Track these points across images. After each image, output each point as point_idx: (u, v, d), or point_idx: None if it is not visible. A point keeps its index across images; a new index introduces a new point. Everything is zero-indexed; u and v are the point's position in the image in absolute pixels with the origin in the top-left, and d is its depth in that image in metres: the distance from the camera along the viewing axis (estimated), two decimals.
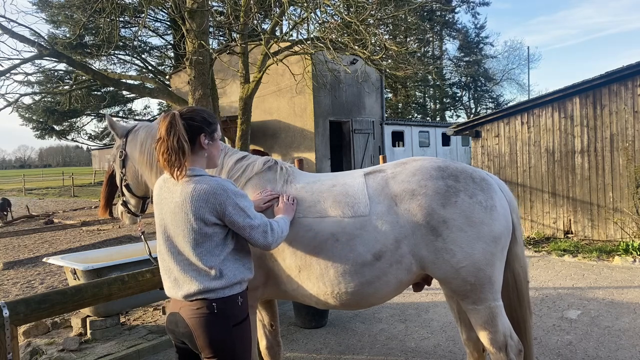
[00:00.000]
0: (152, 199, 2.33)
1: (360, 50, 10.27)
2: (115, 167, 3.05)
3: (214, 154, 2.25)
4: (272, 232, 2.22)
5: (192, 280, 2.08)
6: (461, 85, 45.08)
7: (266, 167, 2.81)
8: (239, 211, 2.10)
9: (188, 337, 2.11)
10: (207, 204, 2.06)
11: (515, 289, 2.88)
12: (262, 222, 2.18)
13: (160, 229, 2.19)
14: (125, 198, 3.04)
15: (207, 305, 2.07)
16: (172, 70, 23.83)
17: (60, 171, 56.86)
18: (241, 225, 2.12)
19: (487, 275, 2.58)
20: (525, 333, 2.90)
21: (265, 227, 2.19)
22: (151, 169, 2.82)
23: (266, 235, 2.18)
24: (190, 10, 9.27)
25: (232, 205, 2.08)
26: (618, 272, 6.99)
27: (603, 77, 8.84)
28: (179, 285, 2.12)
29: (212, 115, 2.28)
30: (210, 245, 2.09)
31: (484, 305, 2.63)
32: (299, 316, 5.13)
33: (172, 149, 2.07)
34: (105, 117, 3.09)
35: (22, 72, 22.60)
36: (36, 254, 10.43)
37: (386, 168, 2.77)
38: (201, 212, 2.05)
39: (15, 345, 2.52)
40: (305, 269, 2.60)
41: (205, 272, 2.08)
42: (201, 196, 2.05)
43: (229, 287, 2.11)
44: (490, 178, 2.77)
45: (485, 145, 10.56)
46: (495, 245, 2.59)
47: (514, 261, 2.85)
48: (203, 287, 2.07)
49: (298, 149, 18.70)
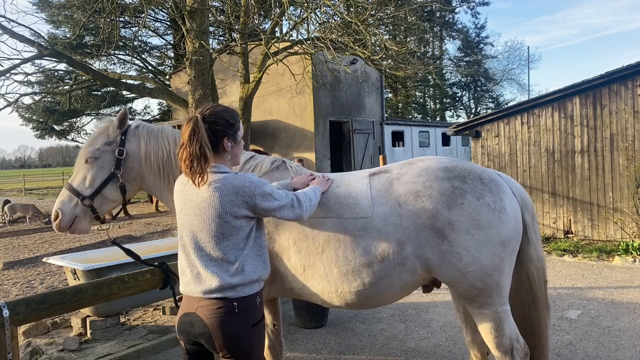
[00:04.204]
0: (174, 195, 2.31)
1: (360, 50, 10.27)
2: (99, 164, 2.69)
3: (236, 153, 2.28)
4: (300, 203, 2.31)
5: (213, 276, 2.09)
6: (461, 85, 45.05)
7: (274, 167, 2.84)
8: (266, 197, 2.16)
9: (206, 337, 2.10)
10: (237, 197, 2.09)
11: (530, 290, 2.78)
12: (288, 199, 2.26)
13: (183, 224, 2.20)
14: (101, 200, 2.70)
15: (227, 305, 2.07)
16: (172, 70, 23.83)
17: (60, 171, 56.84)
18: (272, 209, 2.19)
19: (495, 280, 2.52)
20: (539, 334, 2.81)
21: (292, 201, 2.28)
22: (159, 173, 2.79)
23: (294, 209, 2.28)
24: (190, 10, 9.27)
25: (260, 194, 2.14)
26: (618, 272, 6.99)
27: (603, 77, 8.84)
28: (201, 281, 2.12)
29: (235, 115, 2.27)
30: (237, 239, 2.12)
31: (490, 310, 2.57)
32: (299, 316, 5.13)
33: (195, 155, 2.06)
34: (122, 110, 2.79)
35: (22, 72, 22.57)
36: (36, 254, 10.43)
37: (392, 168, 2.75)
38: (231, 206, 2.08)
39: (15, 345, 2.52)
40: (309, 267, 2.60)
41: (227, 266, 2.10)
42: (231, 190, 2.09)
43: (248, 285, 2.12)
44: (500, 179, 2.69)
45: (485, 145, 10.56)
46: (503, 249, 2.52)
47: (528, 262, 2.75)
48: (224, 283, 2.08)
49: (298, 149, 18.69)
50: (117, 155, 2.70)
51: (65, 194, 2.68)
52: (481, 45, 43.97)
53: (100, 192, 2.68)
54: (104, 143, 2.72)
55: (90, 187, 2.67)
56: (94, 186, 2.67)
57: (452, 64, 44.38)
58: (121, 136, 2.73)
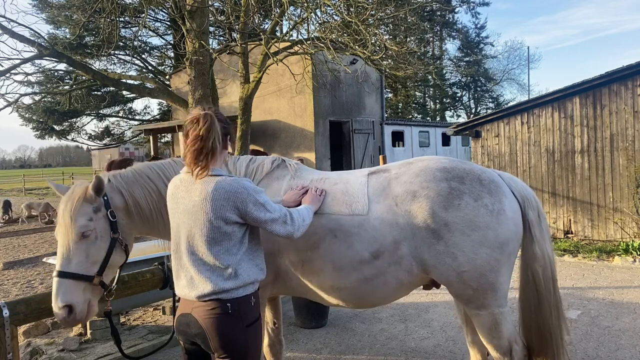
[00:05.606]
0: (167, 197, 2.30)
1: (360, 50, 10.26)
2: (95, 236, 2.36)
3: (226, 154, 2.32)
4: (292, 220, 2.27)
5: (206, 281, 2.09)
6: (461, 85, 45.02)
7: (275, 166, 2.88)
8: (259, 207, 2.14)
9: (201, 338, 2.11)
10: (229, 203, 2.09)
11: (535, 289, 2.72)
12: (281, 213, 2.24)
13: (175, 228, 2.20)
14: (107, 271, 2.41)
15: (221, 306, 2.08)
16: (172, 70, 23.82)
17: (60, 171, 56.86)
18: (263, 220, 2.16)
19: (490, 282, 2.51)
20: (548, 336, 2.72)
21: (285, 217, 2.25)
22: (151, 215, 2.61)
23: (286, 225, 2.24)
24: (190, 10, 9.27)
25: (253, 202, 2.12)
26: (618, 272, 6.99)
27: (603, 77, 8.84)
28: (194, 285, 2.12)
29: None
30: (228, 244, 2.12)
31: (487, 312, 2.57)
32: (299, 316, 5.13)
33: (207, 149, 2.10)
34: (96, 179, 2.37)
35: (22, 72, 22.63)
36: (36, 254, 10.43)
37: (391, 168, 2.77)
38: (222, 211, 2.08)
39: (15, 345, 2.52)
40: (307, 263, 2.63)
41: (220, 271, 2.10)
42: (222, 195, 2.08)
43: (242, 287, 2.13)
44: (500, 180, 2.66)
45: (485, 145, 10.56)
46: (501, 251, 2.51)
47: (533, 261, 2.70)
48: (217, 287, 2.08)
49: (298, 149, 18.69)
50: (110, 218, 2.41)
51: (66, 284, 2.26)
52: (481, 45, 43.96)
53: (107, 264, 2.40)
54: (93, 211, 2.37)
55: (96, 264, 2.35)
56: (99, 260, 2.36)
57: (452, 64, 44.37)
58: (103, 197, 2.42)
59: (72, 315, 2.26)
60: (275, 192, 2.74)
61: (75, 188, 2.41)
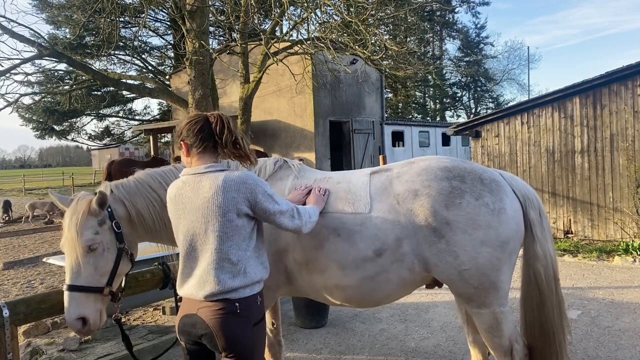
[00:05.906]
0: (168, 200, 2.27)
1: (360, 50, 10.27)
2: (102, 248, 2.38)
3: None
4: (300, 215, 2.31)
5: (214, 280, 2.09)
6: (461, 85, 45.03)
7: (277, 167, 2.91)
8: (267, 197, 2.17)
9: (208, 338, 2.11)
10: (240, 193, 2.11)
11: (537, 289, 2.72)
12: (288, 207, 2.27)
13: (182, 229, 2.18)
14: (114, 281, 2.46)
15: (229, 306, 2.08)
16: (172, 70, 23.83)
17: (60, 171, 56.87)
18: (271, 212, 2.18)
19: (492, 281, 2.53)
20: (550, 336, 2.72)
21: (292, 211, 2.28)
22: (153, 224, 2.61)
23: (293, 219, 2.27)
24: (190, 10, 9.27)
25: (262, 192, 2.16)
26: (618, 272, 6.99)
27: (603, 77, 8.84)
28: (202, 285, 2.11)
29: None
30: (238, 238, 2.12)
31: (488, 310, 2.58)
32: (299, 316, 5.13)
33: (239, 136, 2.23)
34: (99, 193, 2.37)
35: (22, 72, 22.65)
36: (36, 254, 10.43)
37: (393, 167, 2.79)
38: (234, 203, 2.09)
39: (15, 345, 2.52)
40: (312, 262, 2.65)
41: (229, 268, 2.10)
42: (233, 186, 2.10)
43: (249, 287, 2.14)
44: (502, 179, 2.67)
45: (485, 145, 10.56)
46: (502, 250, 2.52)
47: (534, 260, 2.70)
48: (226, 287, 2.08)
49: (298, 149, 18.69)
50: (115, 229, 2.43)
51: (78, 297, 2.31)
52: (481, 45, 43.96)
53: (116, 274, 2.44)
54: (98, 224, 2.38)
55: (105, 275, 2.39)
56: (108, 271, 2.40)
57: (452, 64, 44.38)
58: (107, 210, 2.43)
59: (86, 326, 2.34)
60: (279, 193, 2.74)
61: (79, 201, 2.41)
